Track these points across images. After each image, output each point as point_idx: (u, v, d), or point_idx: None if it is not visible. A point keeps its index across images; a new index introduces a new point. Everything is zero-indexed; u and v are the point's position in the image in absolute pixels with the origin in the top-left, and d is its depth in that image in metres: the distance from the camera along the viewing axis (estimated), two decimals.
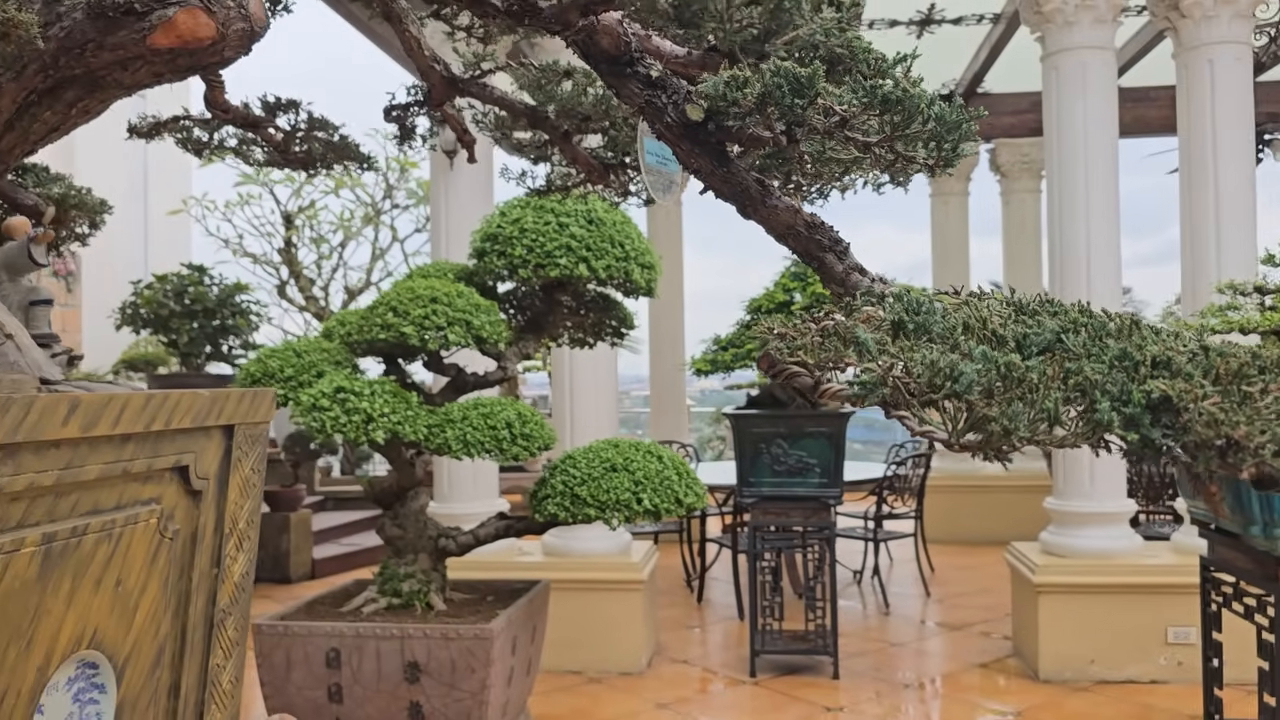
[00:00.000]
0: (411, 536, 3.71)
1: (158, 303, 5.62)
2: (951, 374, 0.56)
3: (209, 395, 1.66)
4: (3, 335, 1.55)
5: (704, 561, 6.81)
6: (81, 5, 1.36)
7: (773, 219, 0.97)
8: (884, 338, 0.63)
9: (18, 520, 1.31)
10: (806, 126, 0.88)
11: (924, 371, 0.56)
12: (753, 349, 5.25)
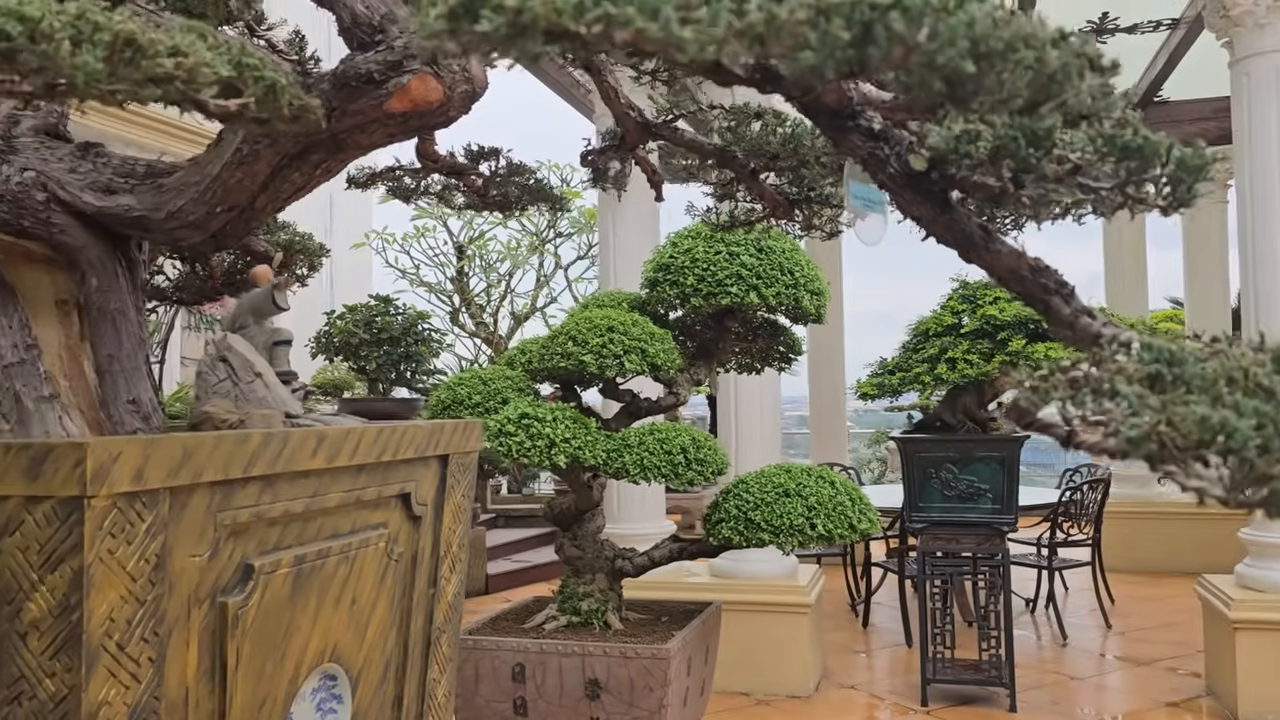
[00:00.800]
0: (589, 557, 3.82)
1: (348, 331, 5.98)
2: (1224, 430, 0.57)
3: (428, 428, 1.79)
4: (253, 374, 1.72)
5: (869, 586, 6.70)
6: (328, 77, 1.50)
7: (996, 263, 0.99)
8: (1142, 391, 0.65)
9: (274, 543, 1.45)
10: (1036, 174, 0.90)
11: (1194, 428, 0.58)
12: (920, 372, 5.17)
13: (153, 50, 0.72)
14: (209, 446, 1.27)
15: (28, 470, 1.11)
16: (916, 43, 0.50)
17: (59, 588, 1.11)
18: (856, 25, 0.50)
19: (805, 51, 0.49)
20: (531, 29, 0.50)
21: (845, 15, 0.50)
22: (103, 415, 1.65)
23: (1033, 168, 0.88)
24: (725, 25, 0.49)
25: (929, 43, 0.50)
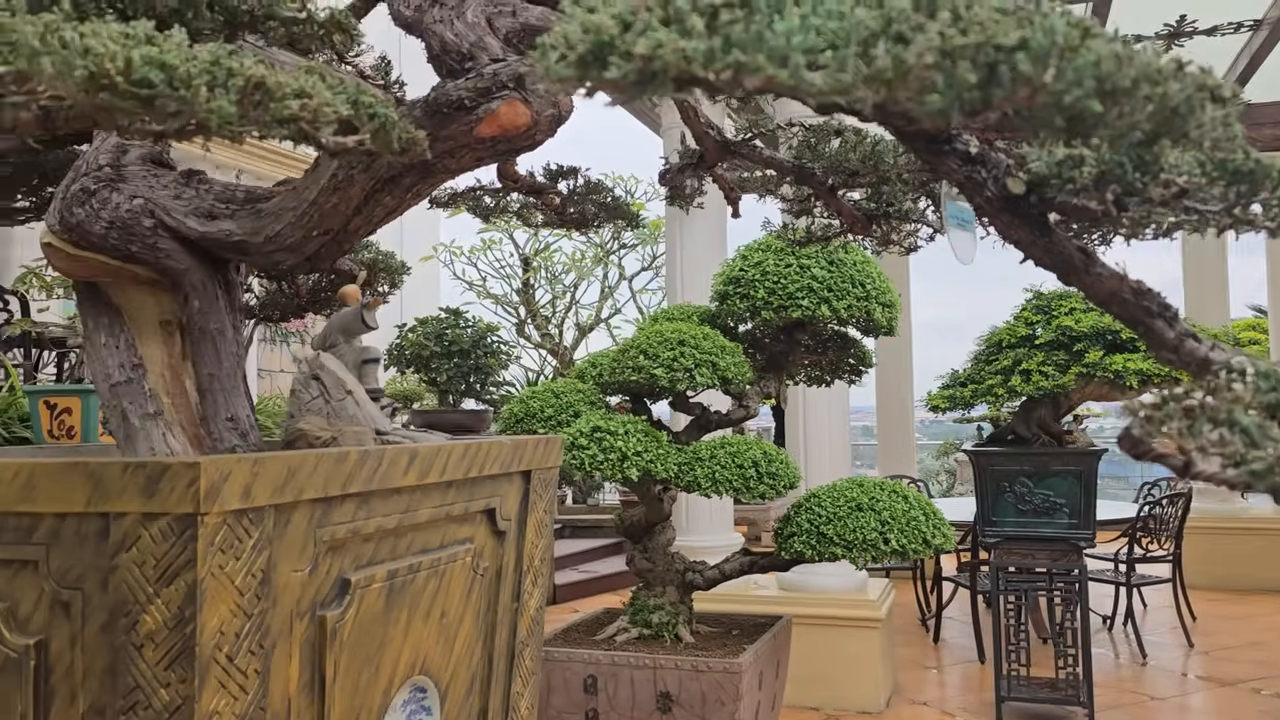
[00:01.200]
0: (660, 570, 3.83)
1: (419, 344, 6.09)
2: None
3: (512, 444, 1.82)
4: (344, 391, 1.76)
5: (940, 600, 6.61)
6: (420, 104, 1.55)
7: (1096, 286, 0.98)
8: (1263, 420, 0.65)
9: (369, 558, 1.49)
10: (1141, 197, 0.90)
11: None
12: (993, 384, 5.09)
13: (280, 93, 0.75)
14: (310, 465, 1.31)
15: (144, 488, 1.16)
16: (1043, 83, 0.51)
17: (174, 601, 1.16)
18: (982, 67, 0.51)
19: (932, 95, 0.50)
20: (661, 76, 0.52)
21: (971, 57, 0.51)
22: (203, 432, 1.71)
23: (1138, 191, 0.88)
24: (853, 71, 0.50)
25: (1055, 83, 0.51)
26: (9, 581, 1.25)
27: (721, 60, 0.51)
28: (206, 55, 0.74)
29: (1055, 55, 0.51)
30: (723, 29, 0.53)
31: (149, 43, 0.74)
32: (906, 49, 0.51)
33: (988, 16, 0.54)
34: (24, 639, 1.23)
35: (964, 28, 0.53)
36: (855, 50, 0.50)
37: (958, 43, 0.52)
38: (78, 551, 1.21)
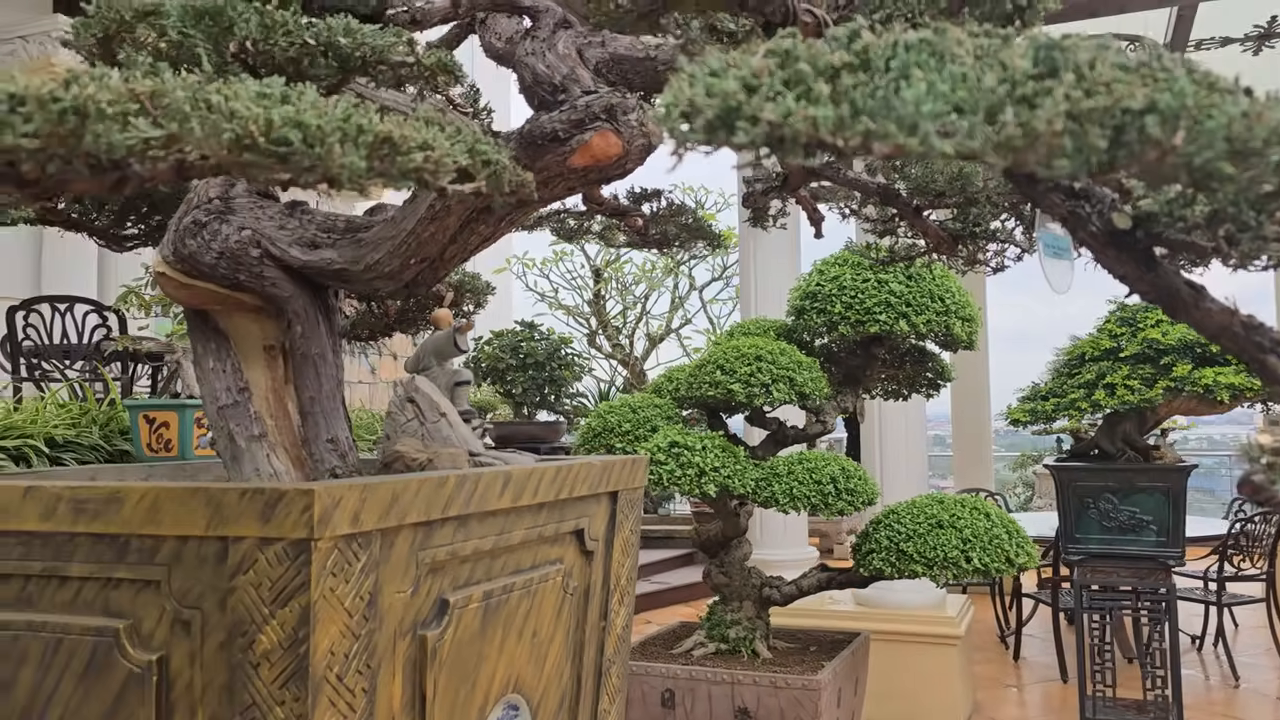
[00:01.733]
0: (737, 584, 3.83)
1: (495, 357, 6.18)
2: None
3: (600, 465, 1.85)
4: (438, 414, 1.81)
5: (1020, 616, 6.48)
6: (515, 135, 1.59)
7: (1206, 321, 0.97)
8: None
9: (466, 579, 1.53)
10: (1254, 234, 0.89)
11: None
12: (1076, 398, 4.98)
13: (406, 147, 0.79)
14: (413, 490, 1.35)
15: (261, 514, 1.21)
16: (1173, 146, 0.52)
17: (288, 622, 1.20)
18: (1110, 129, 0.51)
19: (1061, 160, 0.51)
20: (791, 142, 0.54)
21: (1099, 121, 0.51)
22: (304, 453, 1.77)
23: (1251, 229, 0.87)
24: (982, 139, 0.51)
25: (1185, 145, 0.51)
26: (133, 600, 1.31)
27: (851, 128, 0.53)
28: (339, 112, 0.78)
29: (1185, 117, 0.52)
30: (848, 94, 0.55)
31: (284, 101, 0.79)
32: (1035, 114, 0.52)
33: (1112, 76, 0.55)
34: (147, 655, 1.29)
35: (1089, 89, 0.54)
36: (983, 118, 0.52)
37: (1085, 106, 0.52)
38: (198, 573, 1.26)
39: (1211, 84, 0.55)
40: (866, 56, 0.62)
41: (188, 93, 0.73)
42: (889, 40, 0.63)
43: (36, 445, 3.59)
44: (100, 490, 1.31)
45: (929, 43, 0.62)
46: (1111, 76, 0.55)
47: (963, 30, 0.69)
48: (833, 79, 0.61)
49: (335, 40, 1.15)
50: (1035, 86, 0.54)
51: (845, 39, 0.67)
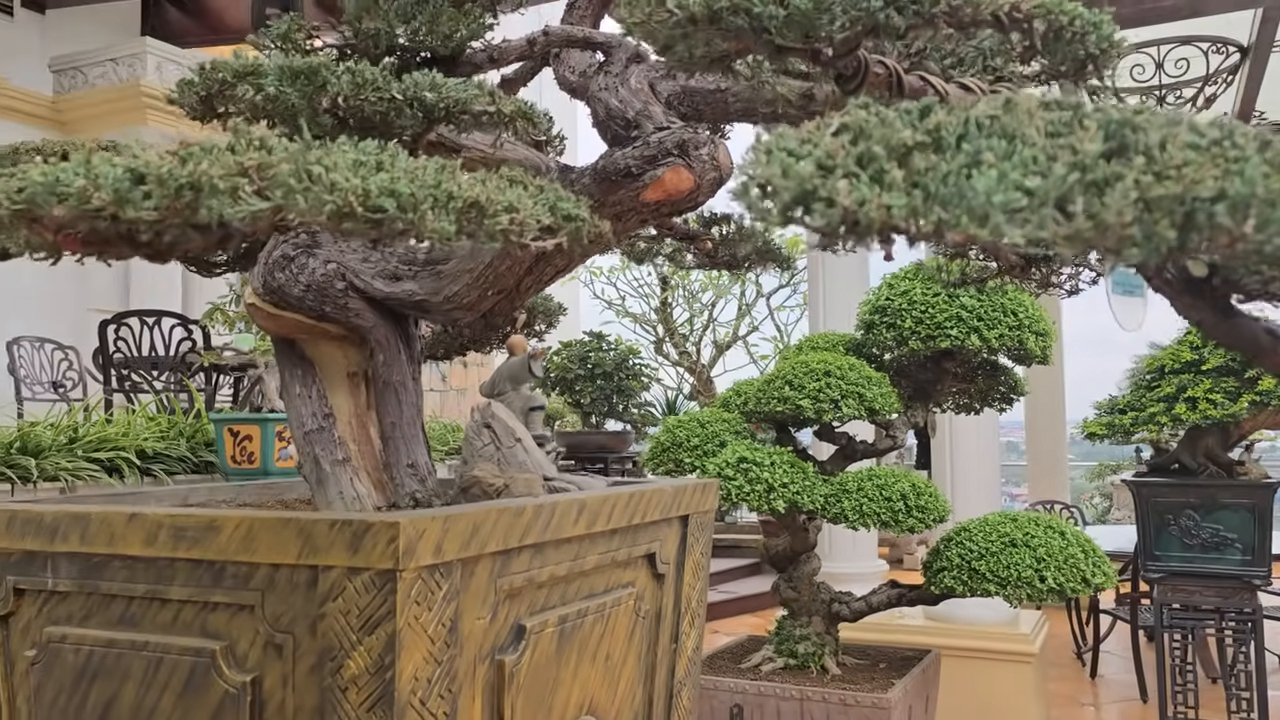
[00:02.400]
0: (805, 600, 3.83)
1: (564, 367, 6.26)
2: None
3: (672, 490, 1.88)
4: (513, 439, 1.86)
5: (1097, 633, 6.34)
6: (589, 172, 1.63)
7: None
8: None
9: (541, 605, 1.57)
10: None
11: None
12: (1155, 412, 4.87)
13: (492, 210, 0.83)
14: (492, 520, 1.40)
15: (350, 544, 1.27)
16: (1243, 234, 0.53)
17: (375, 649, 1.26)
18: (1179, 216, 0.53)
19: (1131, 249, 0.53)
20: (865, 227, 0.56)
21: (1168, 209, 0.53)
22: (385, 477, 1.83)
23: None
24: (1051, 230, 0.53)
25: (1256, 233, 0.52)
26: (228, 622, 1.38)
27: (925, 217, 0.55)
28: (429, 177, 0.82)
29: (1255, 204, 0.53)
30: (921, 180, 0.57)
31: (379, 168, 0.83)
32: (1104, 206, 0.53)
33: (1183, 159, 0.56)
34: (242, 676, 1.36)
35: (1160, 172, 0.55)
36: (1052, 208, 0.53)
37: (1154, 194, 0.54)
38: (290, 598, 1.32)
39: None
40: (939, 135, 0.64)
41: (291, 165, 0.78)
42: (960, 118, 0.65)
43: (128, 458, 3.75)
44: (199, 518, 1.38)
45: (1000, 121, 0.63)
46: (1182, 159, 0.56)
47: (1034, 102, 0.71)
48: (904, 159, 0.63)
49: (421, 95, 1.20)
50: (1105, 171, 0.56)
51: (918, 113, 0.69)
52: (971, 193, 0.54)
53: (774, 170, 0.63)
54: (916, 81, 1.05)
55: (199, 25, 9.05)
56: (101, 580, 1.47)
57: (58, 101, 7.62)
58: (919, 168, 0.59)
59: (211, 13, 9.00)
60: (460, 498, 1.80)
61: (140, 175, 0.77)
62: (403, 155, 0.87)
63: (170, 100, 1.37)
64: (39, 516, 1.52)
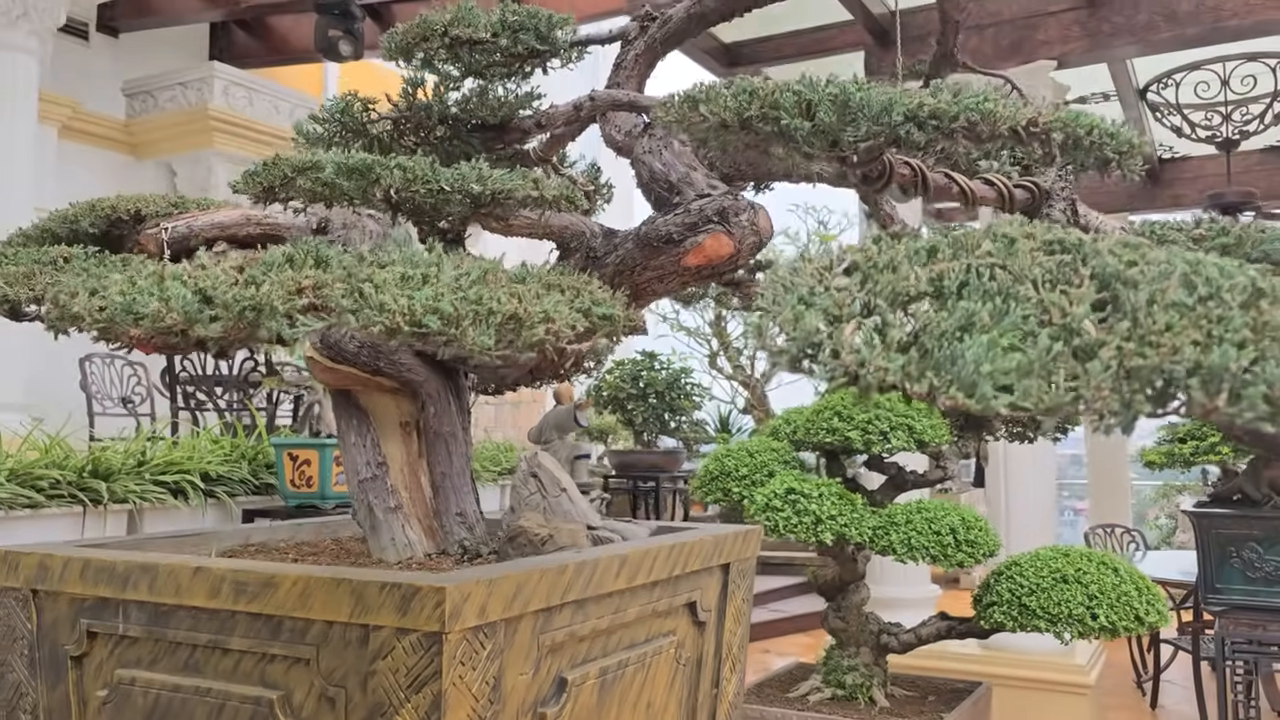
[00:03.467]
0: (854, 630, 3.83)
1: (617, 386, 6.33)
2: None
3: (713, 539, 1.92)
4: (559, 489, 1.91)
5: (1158, 662, 6.21)
6: (631, 236, 1.68)
7: None
8: None
9: (583, 657, 1.62)
10: None
11: None
12: (1216, 441, 4.78)
13: (530, 323, 0.89)
14: (535, 579, 1.46)
15: (399, 606, 1.33)
16: (1215, 407, 0.56)
17: (421, 706, 1.32)
18: (1157, 387, 0.56)
19: (1109, 418, 0.56)
20: (865, 384, 0.61)
21: (1146, 380, 0.56)
22: (436, 524, 1.90)
23: None
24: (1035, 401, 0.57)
25: (1228, 407, 0.56)
26: (285, 674, 1.45)
27: (918, 383, 0.59)
28: (473, 293, 0.88)
29: (1229, 379, 0.56)
30: (920, 337, 0.61)
31: (425, 280, 0.89)
32: (1084, 380, 0.57)
33: (1166, 322, 0.60)
34: None
35: (1144, 336, 0.59)
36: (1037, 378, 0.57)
37: (1134, 363, 0.57)
38: (342, 654, 1.39)
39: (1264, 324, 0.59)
40: (941, 284, 0.68)
41: (344, 284, 0.85)
42: (962, 265, 0.69)
43: (193, 481, 3.89)
44: (258, 574, 1.45)
45: (998, 272, 0.67)
46: (1165, 322, 0.60)
47: (1037, 241, 0.74)
48: (907, 304, 0.67)
49: (469, 188, 1.27)
50: (1090, 339, 0.59)
51: (925, 254, 0.73)
52: (962, 361, 0.58)
53: (786, 318, 0.68)
54: (942, 179, 1.09)
55: (264, 47, 9.30)
56: (168, 628, 1.56)
57: (129, 124, 7.89)
58: (920, 321, 0.64)
59: (276, 34, 9.25)
60: (507, 546, 1.86)
61: (208, 297, 0.84)
62: (448, 263, 0.93)
63: (235, 190, 1.45)
64: (111, 565, 1.61)
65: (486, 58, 1.97)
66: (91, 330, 0.87)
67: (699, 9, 1.91)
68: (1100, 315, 0.66)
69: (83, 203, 2.03)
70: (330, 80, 9.91)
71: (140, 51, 8.27)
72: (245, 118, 7.76)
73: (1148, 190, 9.51)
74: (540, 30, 1.91)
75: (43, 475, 3.51)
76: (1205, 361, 0.56)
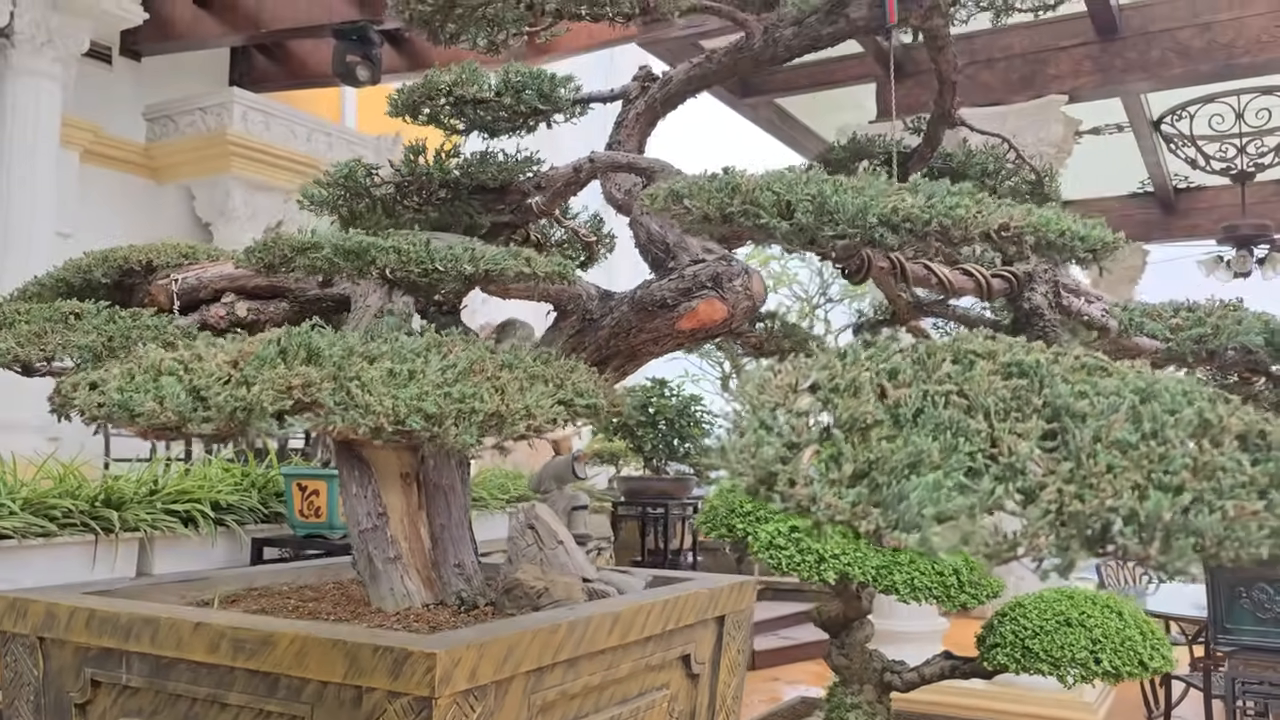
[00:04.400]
0: (857, 667, 3.83)
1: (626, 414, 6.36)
2: None
3: (708, 593, 1.94)
4: (555, 541, 1.94)
5: (1169, 698, 6.16)
6: (627, 299, 1.71)
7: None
8: None
9: (574, 713, 1.64)
10: None
11: None
12: None
13: (512, 420, 0.92)
14: (526, 641, 1.48)
15: (390, 670, 1.36)
16: (1148, 555, 0.58)
17: None
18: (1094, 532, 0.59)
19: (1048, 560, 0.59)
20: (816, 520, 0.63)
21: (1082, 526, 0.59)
22: (434, 575, 1.93)
23: None
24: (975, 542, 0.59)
25: (1159, 555, 0.58)
26: None
27: (863, 520, 0.62)
28: (456, 390, 0.91)
29: (1160, 529, 0.58)
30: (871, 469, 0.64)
31: (411, 377, 0.93)
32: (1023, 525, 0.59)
33: (1107, 464, 0.62)
34: None
35: (1084, 478, 0.61)
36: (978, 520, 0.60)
37: (1072, 508, 0.60)
38: (336, 714, 1.42)
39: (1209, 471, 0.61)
40: (897, 412, 0.70)
41: (332, 384, 0.88)
42: (919, 391, 0.72)
43: (204, 510, 3.93)
44: (257, 632, 1.49)
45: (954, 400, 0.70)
46: (1107, 464, 0.62)
47: (995, 362, 0.77)
48: (864, 434, 0.70)
49: (461, 268, 1.31)
50: (1031, 480, 0.62)
51: (887, 374, 0.76)
52: (906, 503, 0.60)
53: (748, 442, 0.71)
54: (921, 270, 1.11)
55: (284, 71, 9.43)
56: (169, 680, 1.59)
57: (149, 149, 8.00)
58: (873, 453, 0.66)
59: (296, 59, 9.37)
60: (503, 599, 1.89)
61: (201, 396, 0.87)
62: (436, 359, 0.96)
63: (237, 264, 1.50)
64: (115, 616, 1.64)
65: (491, 114, 2.01)
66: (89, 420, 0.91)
67: (697, 72, 1.95)
68: (1051, 445, 0.68)
69: (97, 252, 2.08)
70: (348, 104, 10.02)
71: (162, 75, 8.39)
72: (263, 142, 7.85)
73: (1163, 220, 9.50)
74: (543, 89, 1.95)
75: (56, 505, 3.56)
76: (1140, 509, 0.59)
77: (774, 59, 1.92)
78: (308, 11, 7.96)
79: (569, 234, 2.25)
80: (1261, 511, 0.61)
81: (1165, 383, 0.78)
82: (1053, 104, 5.85)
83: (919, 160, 2.18)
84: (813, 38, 1.86)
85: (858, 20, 1.82)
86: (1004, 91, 5.93)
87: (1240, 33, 5.39)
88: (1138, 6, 5.64)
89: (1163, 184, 8.70)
